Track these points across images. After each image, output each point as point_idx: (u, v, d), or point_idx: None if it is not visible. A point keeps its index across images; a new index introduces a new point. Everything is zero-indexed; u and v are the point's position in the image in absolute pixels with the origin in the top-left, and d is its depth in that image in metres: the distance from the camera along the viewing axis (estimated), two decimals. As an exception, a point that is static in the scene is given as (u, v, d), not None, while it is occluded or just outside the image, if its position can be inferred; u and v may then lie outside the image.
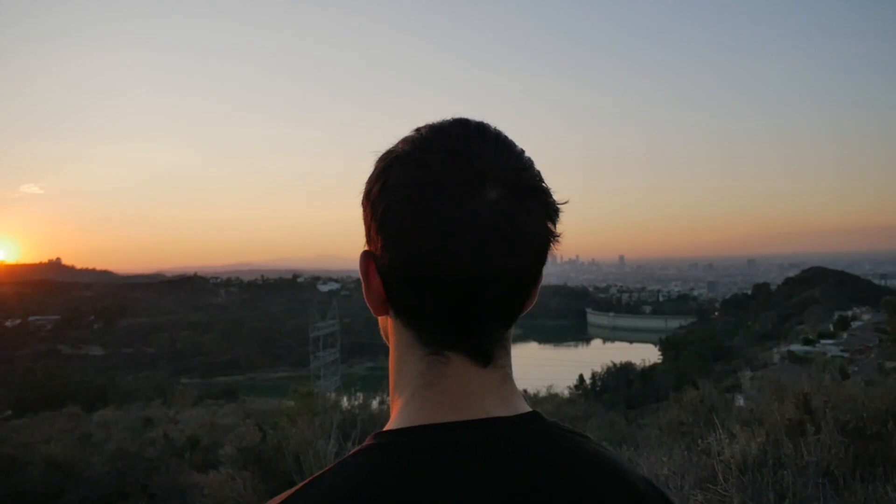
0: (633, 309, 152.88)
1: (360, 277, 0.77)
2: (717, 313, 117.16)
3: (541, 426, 0.74)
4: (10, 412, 28.19)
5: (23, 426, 17.71)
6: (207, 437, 11.03)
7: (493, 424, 0.71)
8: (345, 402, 10.46)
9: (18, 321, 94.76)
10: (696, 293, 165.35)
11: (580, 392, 39.60)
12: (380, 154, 0.75)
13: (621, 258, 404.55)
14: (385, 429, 0.73)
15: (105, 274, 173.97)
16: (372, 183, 0.74)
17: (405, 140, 0.74)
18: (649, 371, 56.25)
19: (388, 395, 1.45)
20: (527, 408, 0.76)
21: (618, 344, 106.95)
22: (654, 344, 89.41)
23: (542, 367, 53.62)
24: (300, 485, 0.69)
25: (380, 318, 0.80)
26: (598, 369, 58.63)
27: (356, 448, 0.71)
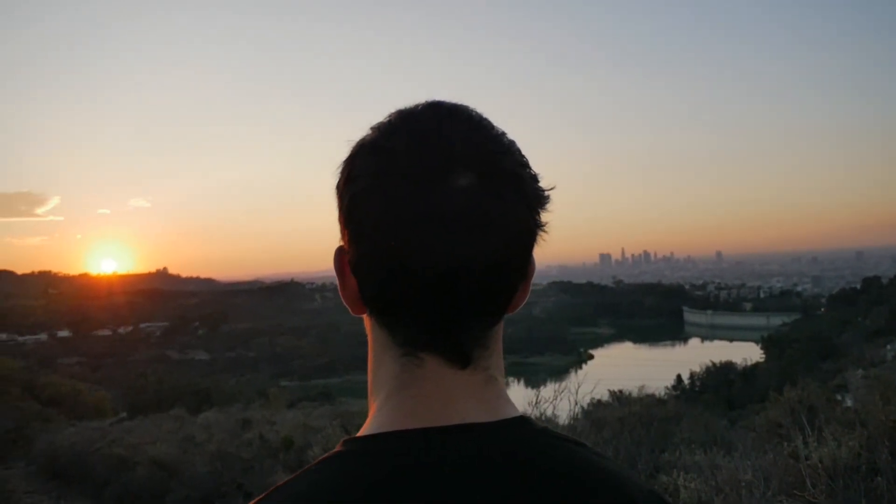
0: (732, 306, 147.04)
1: (336, 275, 0.72)
2: (823, 309, 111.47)
3: (527, 433, 0.68)
4: (124, 414, 29.96)
5: (134, 427, 18.82)
6: (301, 439, 11.32)
7: (470, 431, 0.65)
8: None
9: (131, 328, 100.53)
10: (799, 288, 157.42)
11: (678, 392, 38.56)
12: (352, 143, 0.70)
13: (718, 254, 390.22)
14: (358, 434, 0.68)
15: (208, 282, 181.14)
16: (340, 173, 0.70)
17: (373, 127, 0.70)
18: (751, 370, 54.17)
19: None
20: (513, 413, 0.69)
21: (717, 343, 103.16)
22: (756, 342, 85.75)
23: (637, 367, 52.69)
24: (261, 495, 0.64)
25: (363, 317, 0.75)
26: (697, 369, 56.93)
27: (322, 456, 0.67)
